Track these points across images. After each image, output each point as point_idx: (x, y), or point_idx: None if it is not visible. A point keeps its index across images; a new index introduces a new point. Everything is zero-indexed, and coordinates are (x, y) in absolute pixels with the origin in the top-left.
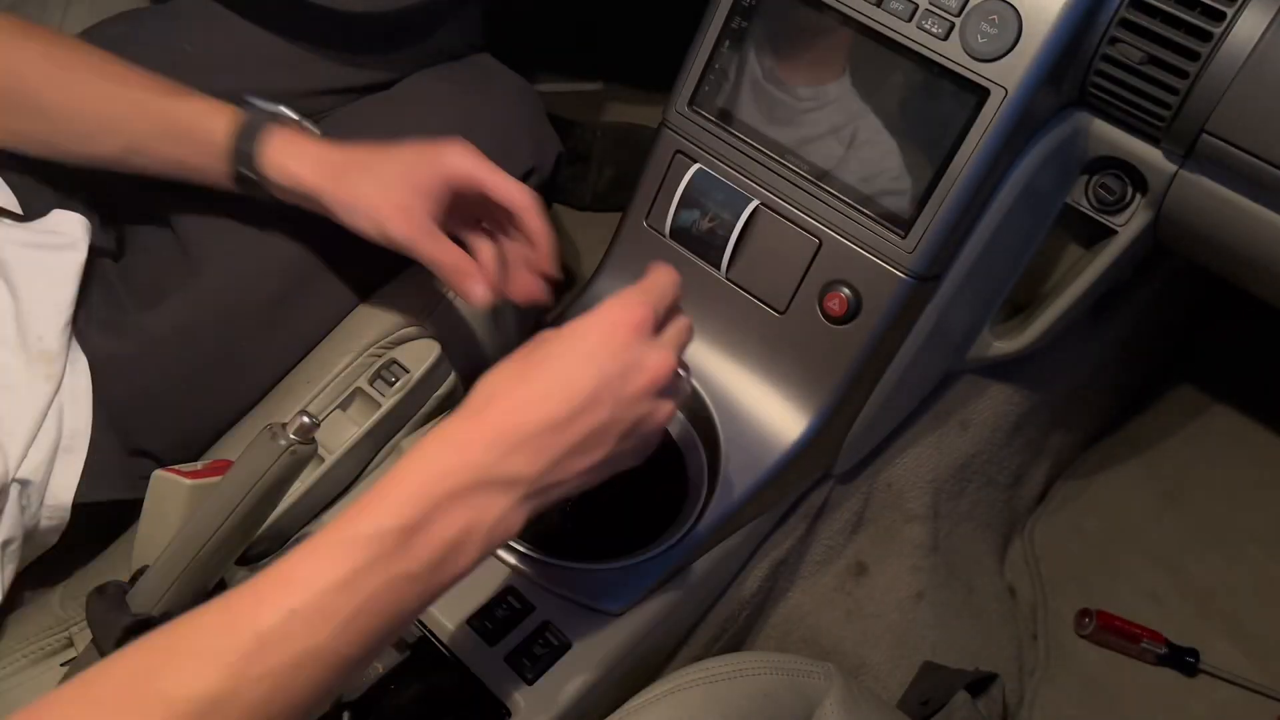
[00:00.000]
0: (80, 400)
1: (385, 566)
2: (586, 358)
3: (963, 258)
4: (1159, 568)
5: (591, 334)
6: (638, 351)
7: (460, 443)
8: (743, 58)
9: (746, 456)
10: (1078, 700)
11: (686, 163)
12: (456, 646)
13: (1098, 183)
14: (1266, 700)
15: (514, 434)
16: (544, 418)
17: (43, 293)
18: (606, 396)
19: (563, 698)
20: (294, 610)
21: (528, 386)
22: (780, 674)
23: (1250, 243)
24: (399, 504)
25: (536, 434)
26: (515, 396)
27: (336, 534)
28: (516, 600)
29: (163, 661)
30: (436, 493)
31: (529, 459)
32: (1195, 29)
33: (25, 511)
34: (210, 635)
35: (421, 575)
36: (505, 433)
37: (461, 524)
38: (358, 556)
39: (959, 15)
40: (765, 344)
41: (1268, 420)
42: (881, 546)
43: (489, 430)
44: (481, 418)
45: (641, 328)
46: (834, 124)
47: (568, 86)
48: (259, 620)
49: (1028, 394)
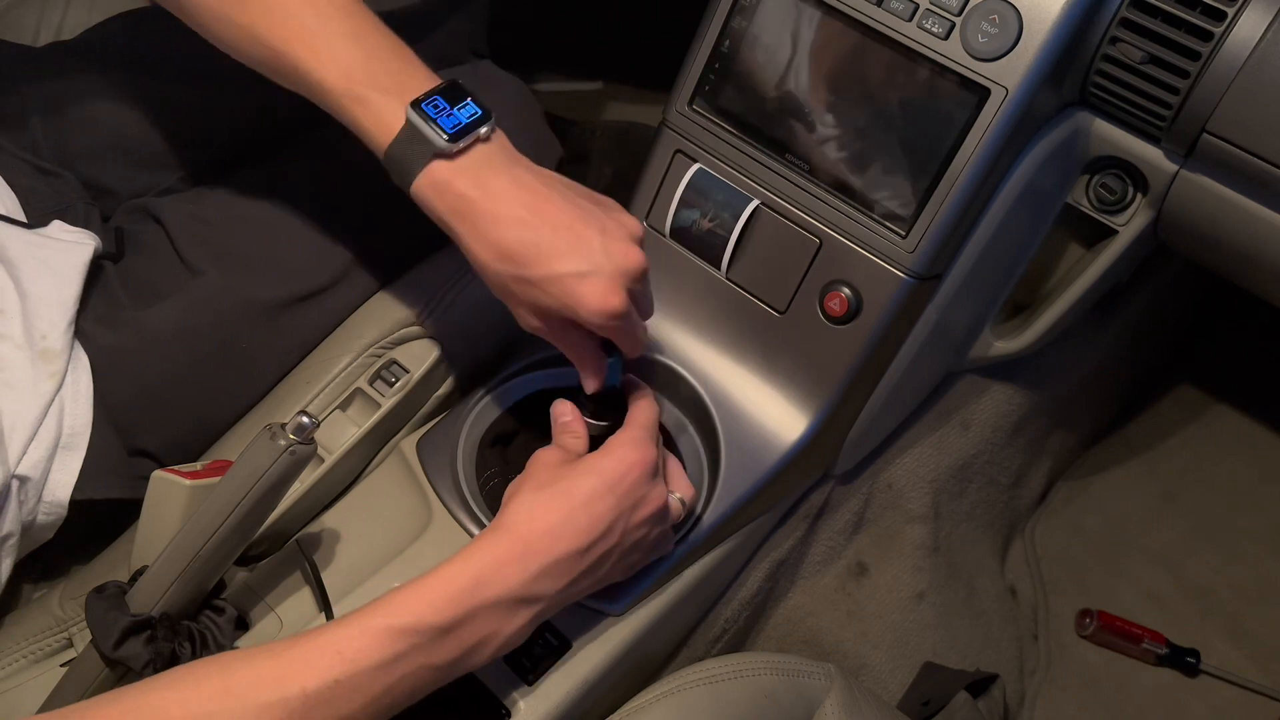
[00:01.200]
0: (81, 399)
1: (418, 657)
2: (607, 492)
3: (963, 257)
4: (1159, 568)
5: (611, 472)
6: (645, 488)
7: (500, 559)
8: (743, 57)
9: (746, 457)
10: (1078, 701)
11: (686, 162)
12: None
13: (1098, 182)
14: (1267, 701)
15: (545, 558)
16: (570, 547)
17: (48, 291)
18: (619, 526)
19: (563, 698)
20: (338, 680)
21: (558, 516)
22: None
23: (1251, 242)
24: (444, 604)
25: (563, 560)
26: (549, 523)
27: (385, 620)
28: None
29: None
30: (475, 601)
31: (553, 581)
32: (1196, 29)
33: (23, 507)
34: (263, 688)
35: (444, 666)
36: (538, 557)
37: (487, 631)
38: (400, 645)
39: (959, 15)
40: (765, 344)
41: (1268, 420)
42: (882, 547)
43: (525, 552)
44: (517, 539)
45: (650, 468)
46: (834, 123)
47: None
48: (307, 683)
49: (1028, 394)
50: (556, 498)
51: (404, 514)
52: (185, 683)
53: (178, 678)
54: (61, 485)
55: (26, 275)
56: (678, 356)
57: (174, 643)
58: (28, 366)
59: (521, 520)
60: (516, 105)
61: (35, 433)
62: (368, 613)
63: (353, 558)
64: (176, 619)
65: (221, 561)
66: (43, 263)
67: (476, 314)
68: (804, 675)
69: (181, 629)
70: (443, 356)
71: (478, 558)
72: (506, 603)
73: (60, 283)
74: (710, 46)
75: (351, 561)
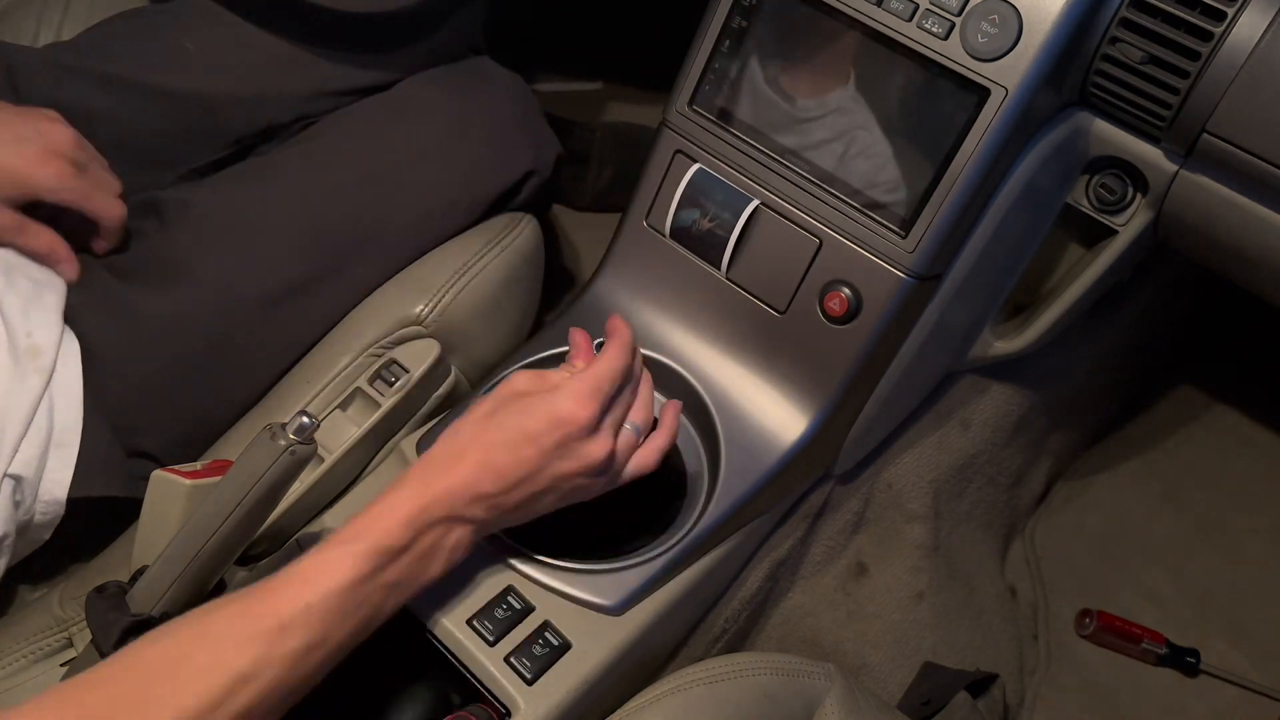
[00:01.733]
0: (71, 394)
1: (381, 576)
2: (534, 439)
3: (963, 257)
4: (1159, 568)
5: (543, 420)
6: (579, 444)
7: (438, 490)
8: (743, 57)
9: (746, 456)
10: (1078, 701)
11: (686, 162)
12: (456, 646)
13: (1098, 182)
14: (1267, 701)
15: (473, 491)
16: (494, 486)
17: (33, 287)
18: (546, 474)
19: (563, 698)
20: (309, 605)
21: (486, 455)
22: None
23: (1251, 242)
24: (396, 527)
25: (488, 495)
26: (476, 462)
27: (345, 546)
28: (516, 600)
29: (196, 643)
30: (420, 522)
31: (484, 508)
32: (1196, 29)
33: (19, 507)
34: (237, 623)
35: (404, 582)
36: (468, 489)
37: (435, 546)
38: (362, 567)
39: (959, 15)
40: (765, 344)
41: (1268, 420)
42: (882, 547)
43: (457, 484)
44: (452, 473)
45: (584, 426)
46: (834, 124)
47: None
48: (280, 611)
49: (1028, 394)
50: (489, 430)
51: None
52: (164, 635)
53: (159, 633)
54: (57, 484)
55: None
56: (678, 356)
57: None
58: (12, 363)
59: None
60: (514, 101)
61: (26, 430)
62: (329, 543)
63: None
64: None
65: (222, 561)
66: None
67: (477, 313)
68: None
69: None
70: (442, 356)
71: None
72: (447, 520)
73: (46, 280)
74: (710, 46)
75: None
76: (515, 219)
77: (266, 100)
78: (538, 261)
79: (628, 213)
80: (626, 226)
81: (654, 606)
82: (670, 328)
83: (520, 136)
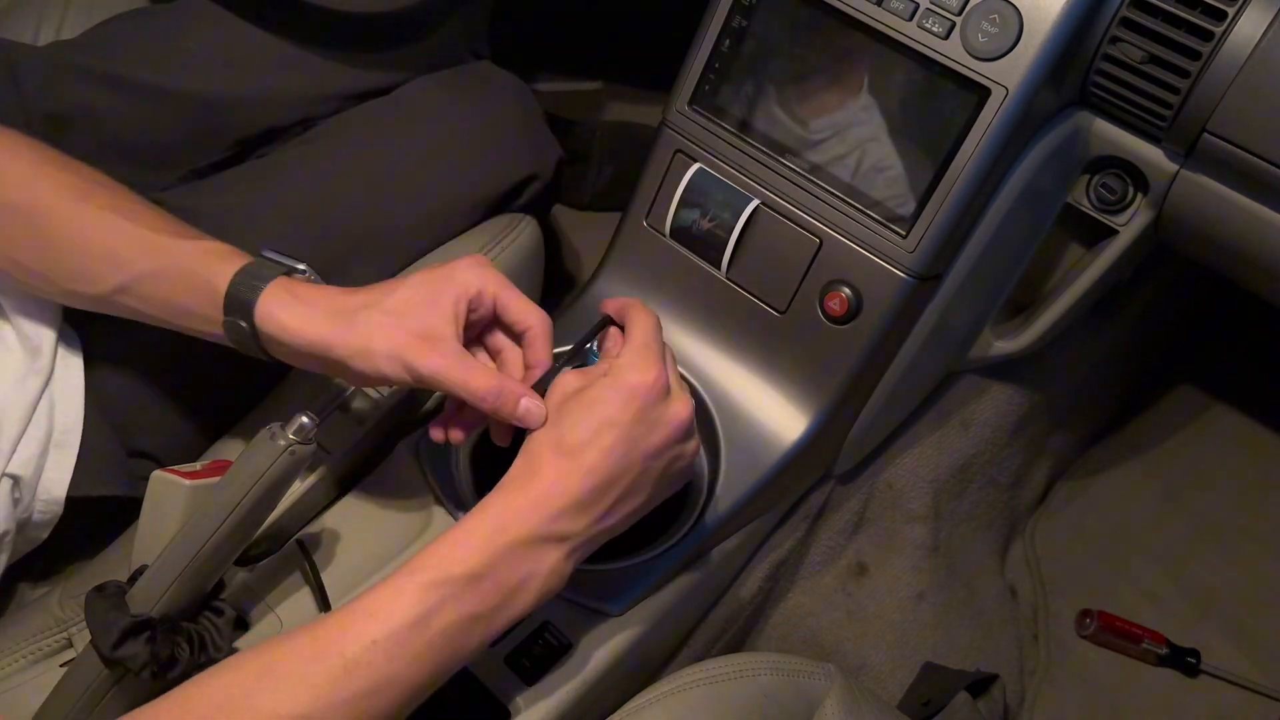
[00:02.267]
0: (72, 394)
1: (455, 607)
2: (612, 423)
3: (963, 257)
4: (1159, 568)
5: (613, 401)
6: (658, 410)
7: (516, 507)
8: (743, 57)
9: (746, 457)
10: (1078, 701)
11: (687, 162)
12: None
13: (1099, 182)
14: (1267, 701)
15: (560, 501)
16: (584, 488)
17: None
18: (637, 456)
19: (563, 698)
20: (375, 641)
21: (566, 459)
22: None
23: (1251, 242)
24: (467, 554)
25: (580, 501)
26: (558, 468)
27: (412, 577)
28: None
29: (257, 682)
30: (498, 545)
31: (574, 520)
32: (1197, 28)
33: (18, 505)
34: (301, 661)
35: (485, 615)
36: (552, 500)
37: (521, 573)
38: (431, 598)
39: (960, 14)
40: (765, 344)
41: (1268, 420)
42: (882, 547)
43: (539, 498)
44: (531, 488)
45: (657, 388)
46: (834, 123)
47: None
48: (345, 649)
49: (1029, 394)
50: (560, 431)
51: (404, 514)
52: (227, 669)
53: (222, 667)
54: (56, 483)
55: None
56: (677, 356)
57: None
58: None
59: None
60: (516, 105)
61: (24, 430)
62: (396, 575)
63: (353, 558)
64: (176, 619)
65: (221, 562)
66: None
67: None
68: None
69: (181, 630)
70: None
71: (497, 506)
72: (531, 542)
73: None
74: (710, 46)
75: (351, 561)
76: (515, 219)
77: (269, 101)
78: (538, 262)
79: (628, 212)
80: (626, 226)
81: (654, 606)
82: (670, 327)
83: (521, 140)
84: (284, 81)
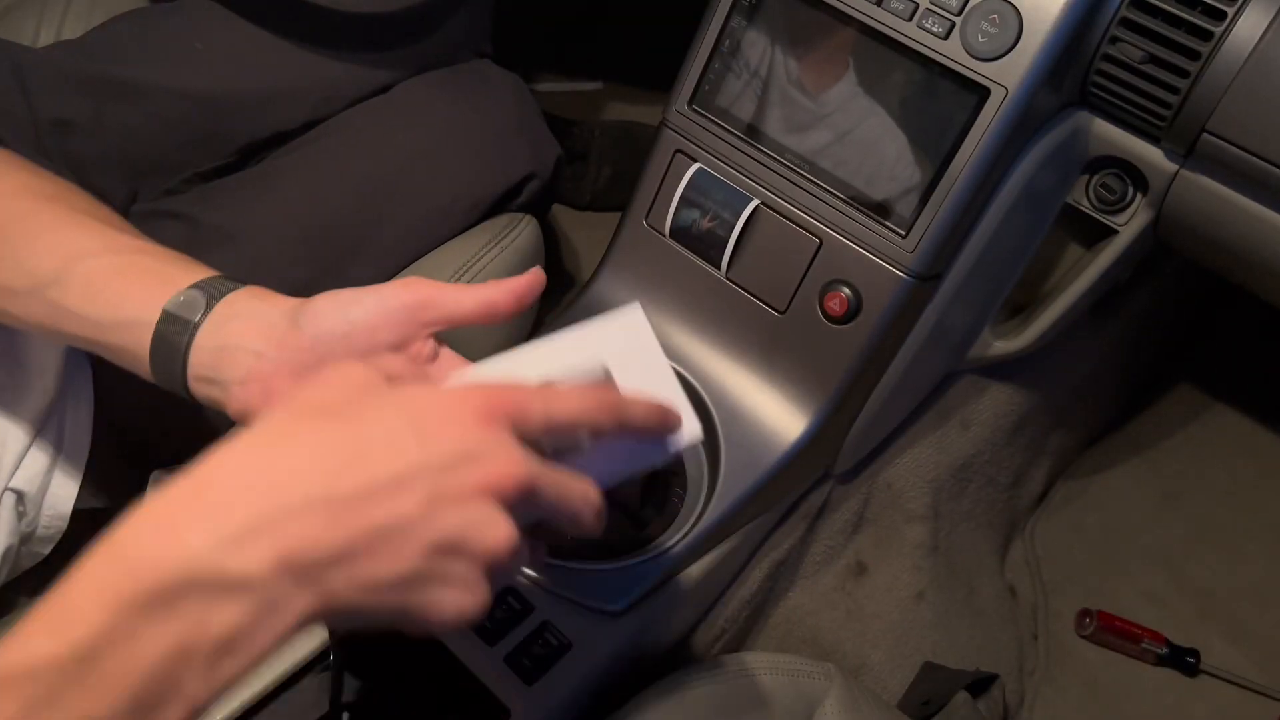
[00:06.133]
0: (82, 411)
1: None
2: (407, 426)
3: (963, 257)
4: (1159, 568)
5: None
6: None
7: (170, 522)
8: (743, 57)
9: (746, 456)
10: (1078, 701)
11: (686, 162)
12: (456, 646)
13: (1098, 182)
14: (1267, 701)
15: (257, 510)
16: (311, 491)
17: None
18: (419, 482)
19: (563, 698)
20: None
21: (298, 447)
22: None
23: (1251, 242)
24: (71, 621)
25: (295, 513)
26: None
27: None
28: (516, 600)
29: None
30: (125, 598)
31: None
32: (1196, 28)
33: (22, 519)
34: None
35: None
36: (241, 507)
37: (168, 645)
38: (10, 704)
39: (959, 14)
40: (765, 344)
41: (1268, 420)
42: (882, 546)
43: (216, 503)
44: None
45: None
46: (834, 123)
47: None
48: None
49: (1028, 394)
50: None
51: None
52: None
53: None
54: (62, 499)
55: None
56: (677, 356)
57: None
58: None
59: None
60: (516, 104)
61: (29, 446)
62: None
63: None
64: None
65: None
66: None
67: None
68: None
69: None
70: None
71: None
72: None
73: None
74: (710, 46)
75: None
76: (515, 219)
77: (272, 101)
78: (537, 261)
79: (627, 212)
80: (626, 226)
81: (654, 606)
82: (670, 327)
83: (520, 139)
84: (287, 82)
